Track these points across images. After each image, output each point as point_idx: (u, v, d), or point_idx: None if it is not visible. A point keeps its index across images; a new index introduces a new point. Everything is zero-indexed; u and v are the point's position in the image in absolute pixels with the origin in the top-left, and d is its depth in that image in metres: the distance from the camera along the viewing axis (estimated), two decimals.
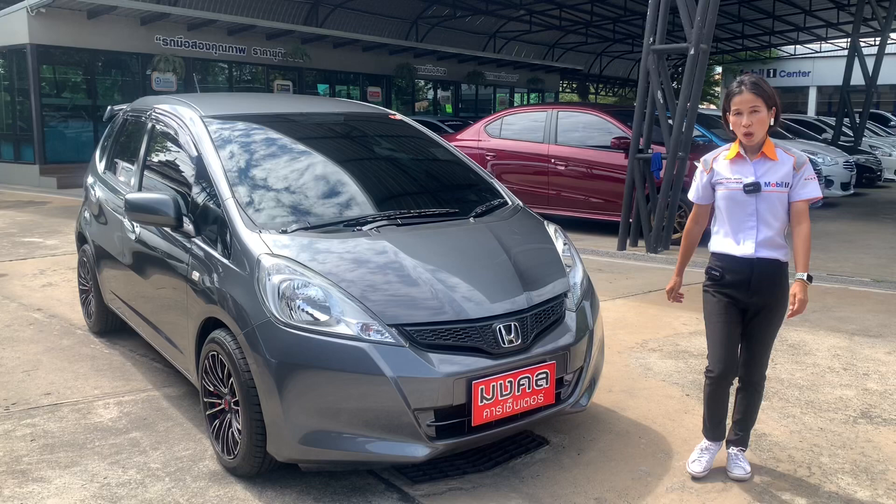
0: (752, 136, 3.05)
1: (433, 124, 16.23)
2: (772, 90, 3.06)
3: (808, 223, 3.11)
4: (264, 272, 3.17)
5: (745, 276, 3.13)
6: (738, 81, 3.06)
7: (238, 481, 3.27)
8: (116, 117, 5.70)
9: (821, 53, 33.74)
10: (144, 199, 3.80)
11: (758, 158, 3.11)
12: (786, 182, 3.07)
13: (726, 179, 3.15)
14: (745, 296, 3.15)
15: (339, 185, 4.01)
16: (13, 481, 3.28)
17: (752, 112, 3.02)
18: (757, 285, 3.13)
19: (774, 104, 3.07)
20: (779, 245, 3.13)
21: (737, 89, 3.05)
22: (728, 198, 3.14)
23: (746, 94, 3.02)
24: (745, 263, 3.13)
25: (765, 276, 3.13)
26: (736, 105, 3.06)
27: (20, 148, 16.75)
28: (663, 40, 8.72)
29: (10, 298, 6.45)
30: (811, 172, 3.11)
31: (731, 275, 3.16)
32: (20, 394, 4.29)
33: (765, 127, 3.06)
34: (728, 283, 3.18)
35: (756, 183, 3.06)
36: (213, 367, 3.38)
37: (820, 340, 5.36)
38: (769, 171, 3.08)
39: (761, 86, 3.04)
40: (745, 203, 3.09)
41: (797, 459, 3.52)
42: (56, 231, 10.04)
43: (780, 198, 3.08)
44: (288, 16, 23.08)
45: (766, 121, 3.05)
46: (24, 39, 15.73)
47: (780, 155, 3.11)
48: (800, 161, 3.11)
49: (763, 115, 3.03)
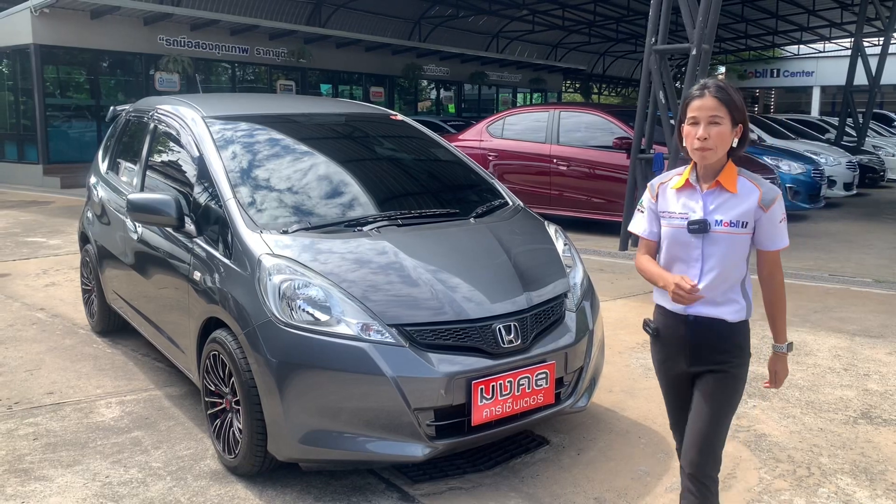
0: (706, 152, 2.34)
1: (436, 124, 16.25)
2: (742, 102, 2.40)
3: (781, 274, 2.48)
4: (265, 272, 3.19)
5: (681, 338, 2.48)
6: (700, 84, 2.41)
7: (239, 480, 3.29)
8: (119, 118, 5.72)
9: (824, 53, 33.68)
10: (146, 200, 3.81)
11: (711, 188, 2.41)
12: (744, 221, 2.37)
13: (670, 213, 2.48)
14: (685, 362, 2.50)
15: (341, 186, 4.02)
16: (15, 480, 3.30)
17: (711, 123, 2.34)
18: (696, 351, 2.46)
19: (742, 120, 2.38)
20: (729, 300, 2.43)
21: (697, 93, 2.40)
22: (670, 236, 2.47)
23: (708, 100, 2.35)
24: (679, 321, 2.47)
25: (705, 340, 2.44)
26: (693, 111, 2.38)
27: (24, 148, 16.80)
28: (665, 40, 8.72)
29: (14, 298, 6.48)
30: (783, 212, 2.43)
31: (666, 333, 2.53)
32: (23, 393, 4.31)
33: (725, 144, 2.37)
34: (665, 343, 2.55)
35: (703, 221, 2.38)
36: (214, 366, 3.40)
37: (821, 341, 5.36)
38: (723, 206, 2.39)
39: (729, 93, 2.37)
40: (689, 245, 2.42)
41: (797, 459, 3.52)
42: (59, 231, 10.06)
43: (735, 241, 2.39)
44: (291, 16, 23.11)
45: (728, 138, 2.37)
46: (27, 40, 15.78)
47: (742, 186, 2.40)
48: (767, 196, 2.38)
49: (725, 130, 2.34)
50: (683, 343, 2.48)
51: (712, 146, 2.35)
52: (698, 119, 2.37)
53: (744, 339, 2.47)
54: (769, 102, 37.23)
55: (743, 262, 2.44)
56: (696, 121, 2.37)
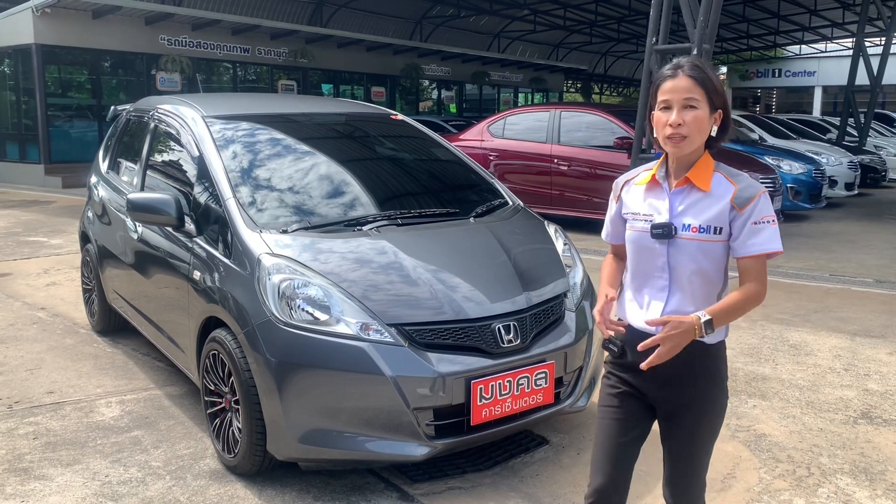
0: (681, 141, 2.02)
1: (437, 124, 16.25)
2: (720, 83, 2.07)
3: (762, 286, 2.07)
4: (265, 272, 3.19)
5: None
6: (672, 64, 2.08)
7: (238, 480, 3.29)
8: (119, 117, 5.72)
9: (826, 53, 33.67)
10: (146, 199, 3.82)
11: (679, 186, 2.09)
12: (717, 227, 2.03)
13: (634, 215, 2.17)
14: (652, 387, 2.16)
15: (341, 186, 4.02)
16: (15, 479, 3.30)
17: (686, 107, 2.01)
18: (667, 375, 2.11)
19: (721, 105, 2.05)
20: None
21: (668, 73, 2.06)
22: (633, 241, 2.16)
23: (682, 80, 2.02)
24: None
25: (680, 366, 2.08)
26: (665, 94, 2.04)
27: (25, 147, 16.82)
28: (666, 40, 8.72)
29: (14, 297, 6.48)
30: (767, 212, 2.03)
31: (633, 355, 2.13)
32: (23, 392, 4.32)
33: (703, 132, 2.03)
34: (629, 367, 2.18)
35: (667, 225, 2.05)
36: (213, 366, 3.40)
37: (821, 341, 5.36)
38: (692, 208, 2.06)
39: (706, 72, 2.03)
40: (654, 252, 2.10)
41: (796, 459, 3.52)
42: (60, 230, 10.07)
43: (706, 250, 2.05)
44: (292, 16, 23.13)
45: (706, 124, 2.03)
46: (29, 39, 15.80)
47: (717, 184, 2.06)
48: (743, 194, 2.03)
49: (701, 115, 2.01)
50: (652, 369, 2.07)
51: (687, 133, 2.01)
52: (671, 102, 2.03)
53: (723, 363, 2.16)
54: (771, 102, 37.21)
55: (719, 275, 2.10)
56: (669, 104, 2.03)
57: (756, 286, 2.07)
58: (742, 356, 4.99)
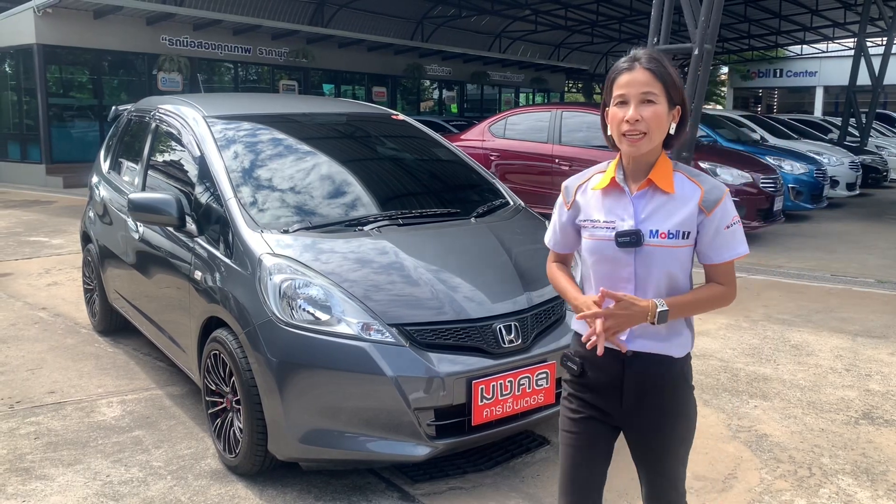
0: (638, 140, 1.88)
1: (438, 124, 16.25)
2: (679, 77, 1.95)
3: (732, 287, 1.99)
4: (266, 272, 3.19)
5: (614, 380, 2.01)
6: (629, 56, 1.95)
7: (239, 480, 3.29)
8: (121, 117, 5.73)
9: (827, 53, 33.64)
10: (147, 199, 3.82)
11: (641, 189, 1.95)
12: (685, 231, 1.91)
13: (593, 222, 2.00)
14: (617, 407, 2.02)
15: (342, 186, 4.02)
16: (16, 479, 3.30)
17: (643, 102, 1.88)
18: (634, 396, 1.99)
19: (680, 101, 1.93)
20: (674, 332, 1.98)
21: (624, 65, 1.93)
22: (594, 250, 1.99)
23: (639, 73, 1.89)
24: (613, 359, 1.98)
25: (649, 382, 1.98)
26: (620, 89, 1.91)
27: (27, 147, 16.83)
28: (667, 40, 8.72)
29: (16, 297, 6.49)
30: (733, 212, 1.95)
31: (594, 373, 2.03)
32: (24, 392, 4.32)
33: (661, 130, 1.90)
34: (591, 386, 2.04)
35: (634, 232, 1.91)
36: (214, 366, 3.40)
37: (823, 341, 5.35)
38: (658, 212, 1.92)
39: (664, 65, 1.91)
40: (618, 262, 1.95)
41: (798, 460, 3.52)
42: (61, 230, 10.08)
43: (675, 256, 1.92)
44: (293, 16, 23.13)
45: (665, 121, 1.90)
46: (30, 39, 15.81)
47: (680, 184, 1.94)
48: (711, 196, 1.92)
49: (660, 111, 1.88)
50: (616, 385, 1.99)
51: (645, 129, 1.88)
52: (627, 97, 1.90)
53: (689, 375, 2.05)
54: (772, 102, 37.19)
55: (686, 280, 1.98)
56: (625, 99, 1.90)
57: (725, 288, 1.99)
58: (743, 356, 4.99)
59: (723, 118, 13.91)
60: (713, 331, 5.58)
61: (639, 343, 1.98)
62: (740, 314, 6.03)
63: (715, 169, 9.15)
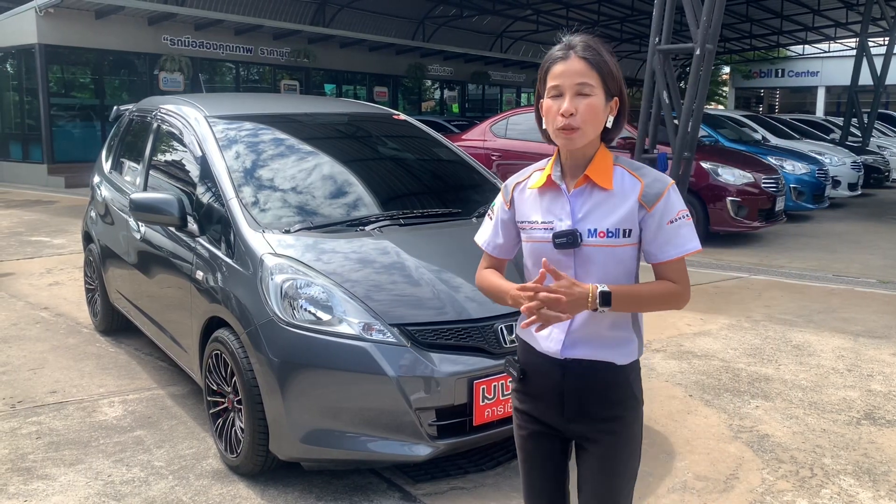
0: (573, 133, 1.77)
1: (439, 124, 16.24)
2: (618, 69, 1.83)
3: (684, 286, 1.85)
4: (267, 272, 3.19)
5: (554, 388, 1.89)
6: (563, 44, 1.82)
7: (241, 480, 3.29)
8: (122, 117, 5.73)
9: (829, 53, 33.60)
10: (149, 199, 3.82)
11: (578, 186, 1.83)
12: (626, 229, 1.80)
13: (531, 224, 1.89)
14: (559, 419, 1.91)
15: (343, 186, 4.03)
16: (18, 479, 3.30)
17: (578, 94, 1.76)
18: (576, 406, 1.88)
19: (618, 92, 1.82)
20: (616, 338, 1.87)
21: (559, 54, 1.80)
22: (534, 253, 1.88)
23: (574, 63, 1.77)
24: (552, 365, 1.88)
25: (588, 391, 1.87)
26: (555, 79, 1.79)
27: (28, 147, 16.85)
28: (669, 40, 8.72)
29: (17, 297, 6.49)
30: (678, 205, 1.82)
31: (536, 380, 1.93)
32: (26, 392, 4.32)
33: (597, 123, 1.80)
34: (533, 395, 1.94)
35: (570, 232, 1.80)
36: (216, 365, 3.40)
37: (824, 341, 5.35)
38: (597, 210, 1.82)
39: (601, 54, 1.79)
40: (559, 264, 1.81)
41: (799, 460, 3.51)
42: (63, 230, 10.09)
43: (617, 256, 1.81)
44: (295, 16, 23.14)
45: (601, 114, 1.79)
46: (32, 39, 15.83)
47: (620, 179, 1.83)
48: (651, 190, 1.81)
49: (596, 103, 1.77)
50: (557, 394, 1.89)
51: (580, 124, 1.76)
52: (562, 89, 1.78)
53: (636, 385, 1.92)
54: (774, 102, 37.17)
55: (631, 282, 1.86)
56: (560, 91, 1.78)
57: (677, 286, 1.84)
58: (745, 356, 4.98)
59: (724, 118, 13.90)
60: (715, 331, 5.57)
61: (579, 350, 1.86)
62: (742, 314, 6.03)
63: (717, 169, 9.15)
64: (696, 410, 4.09)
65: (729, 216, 9.00)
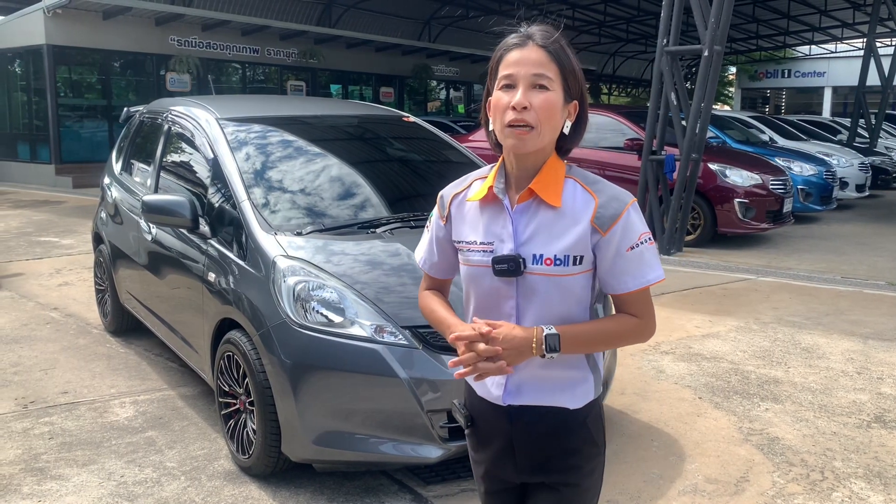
0: (524, 133, 1.50)
1: (445, 125, 16.25)
2: (579, 68, 1.59)
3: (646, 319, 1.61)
4: (280, 274, 3.20)
5: (503, 436, 1.66)
6: (521, 33, 1.59)
7: (253, 481, 3.30)
8: (133, 119, 5.75)
9: (836, 54, 33.50)
10: (161, 201, 3.84)
11: (523, 202, 1.57)
12: (576, 256, 1.53)
13: (468, 244, 1.63)
14: (511, 470, 1.68)
15: (353, 188, 4.04)
16: (32, 479, 3.32)
17: (533, 87, 1.51)
18: (525, 456, 1.65)
19: (578, 94, 1.57)
20: (566, 379, 1.61)
21: (515, 41, 1.57)
22: (473, 279, 1.63)
23: (532, 51, 1.53)
24: (498, 413, 1.65)
25: (538, 440, 1.63)
26: (508, 68, 1.53)
27: (36, 148, 16.92)
28: (677, 42, 8.71)
29: (28, 297, 6.53)
30: (639, 229, 1.55)
31: (484, 426, 1.70)
32: (38, 392, 4.35)
33: (554, 123, 1.53)
34: (483, 443, 1.71)
35: (511, 258, 1.54)
36: (228, 367, 3.42)
37: (833, 344, 5.34)
38: (543, 231, 1.55)
39: (563, 46, 1.56)
40: (498, 294, 1.59)
41: (810, 463, 3.51)
42: (72, 231, 10.13)
43: (565, 287, 1.55)
44: (301, 16, 23.18)
45: (558, 113, 1.53)
46: (40, 40, 15.89)
47: (571, 195, 1.56)
48: (607, 211, 1.54)
49: (554, 99, 1.52)
50: (506, 442, 1.65)
51: (534, 122, 1.50)
52: (515, 79, 1.52)
53: (595, 430, 1.66)
54: (780, 103, 37.07)
55: (583, 315, 1.60)
56: (512, 82, 1.52)
57: (639, 320, 1.59)
58: (754, 359, 4.98)
59: (731, 119, 13.87)
60: (723, 333, 5.57)
61: (525, 396, 1.61)
62: (750, 316, 6.02)
63: (725, 170, 9.14)
64: (706, 413, 4.09)
65: (737, 218, 8.99)
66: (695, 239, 9.10)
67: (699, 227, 9.18)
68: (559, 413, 1.61)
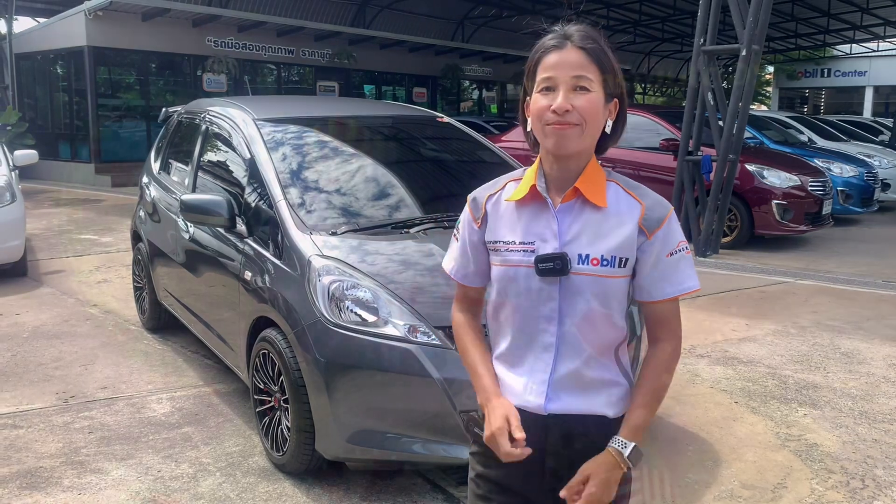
0: (567, 131, 1.48)
1: (478, 125, 16.24)
2: (619, 66, 1.58)
3: (677, 340, 1.60)
4: (315, 273, 3.23)
5: (534, 449, 1.53)
6: (559, 33, 1.55)
7: (287, 478, 3.33)
8: (171, 119, 5.84)
9: (878, 52, 32.79)
10: (199, 200, 3.89)
11: (567, 202, 1.54)
12: (623, 257, 1.52)
13: (506, 245, 1.58)
14: (536, 485, 1.59)
15: (388, 188, 4.05)
16: (72, 472, 3.39)
17: (575, 89, 1.49)
18: (561, 469, 1.56)
19: (618, 93, 1.56)
20: (604, 383, 1.57)
21: (553, 43, 1.53)
22: (507, 279, 1.57)
23: (571, 53, 1.51)
24: (532, 423, 1.54)
25: (576, 450, 1.55)
26: (547, 70, 1.50)
27: (76, 147, 17.29)
28: (714, 41, 8.60)
29: (68, 294, 6.66)
30: (679, 235, 1.55)
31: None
32: (78, 387, 4.44)
33: (596, 124, 1.52)
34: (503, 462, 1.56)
35: (559, 256, 1.50)
36: (263, 364, 3.45)
37: (875, 349, 5.22)
38: (588, 231, 1.53)
39: (602, 46, 1.54)
40: (539, 295, 1.53)
41: (850, 471, 3.44)
42: (110, 229, 10.31)
43: (609, 288, 1.52)
44: (335, 17, 23.33)
45: (601, 114, 1.52)
46: (81, 42, 16.22)
47: (615, 197, 1.55)
48: (653, 214, 1.53)
49: (596, 100, 1.50)
50: (538, 456, 1.54)
51: (577, 121, 1.47)
52: (555, 82, 1.49)
53: None
54: (819, 103, 36.38)
55: (622, 321, 1.56)
56: (553, 85, 1.49)
57: (670, 343, 1.57)
58: (792, 363, 4.89)
59: (769, 119, 13.65)
60: (760, 336, 5.48)
61: (564, 400, 1.55)
62: (788, 320, 5.92)
63: (762, 171, 9.00)
64: (742, 417, 4.03)
65: (774, 220, 8.84)
66: (731, 241, 8.97)
67: (736, 229, 9.04)
68: (599, 421, 1.56)
